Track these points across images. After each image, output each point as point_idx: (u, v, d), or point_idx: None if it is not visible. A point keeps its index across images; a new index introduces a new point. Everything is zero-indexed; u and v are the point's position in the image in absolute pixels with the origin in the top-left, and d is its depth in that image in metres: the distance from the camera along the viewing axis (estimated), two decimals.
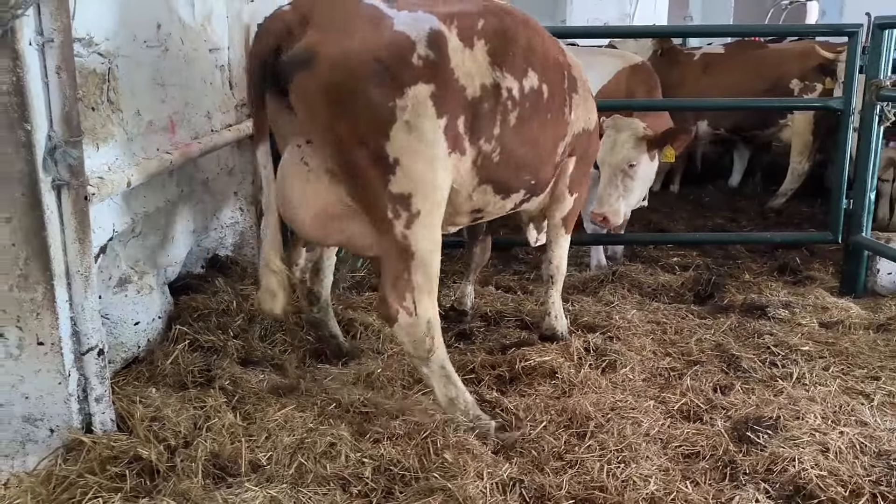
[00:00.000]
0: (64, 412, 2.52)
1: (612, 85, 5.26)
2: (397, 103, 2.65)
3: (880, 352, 3.70)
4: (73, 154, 2.41)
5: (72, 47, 2.44)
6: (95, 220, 2.69)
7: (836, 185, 4.71)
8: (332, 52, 2.61)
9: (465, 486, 2.44)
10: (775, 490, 2.51)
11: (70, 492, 2.36)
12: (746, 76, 7.14)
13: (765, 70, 7.06)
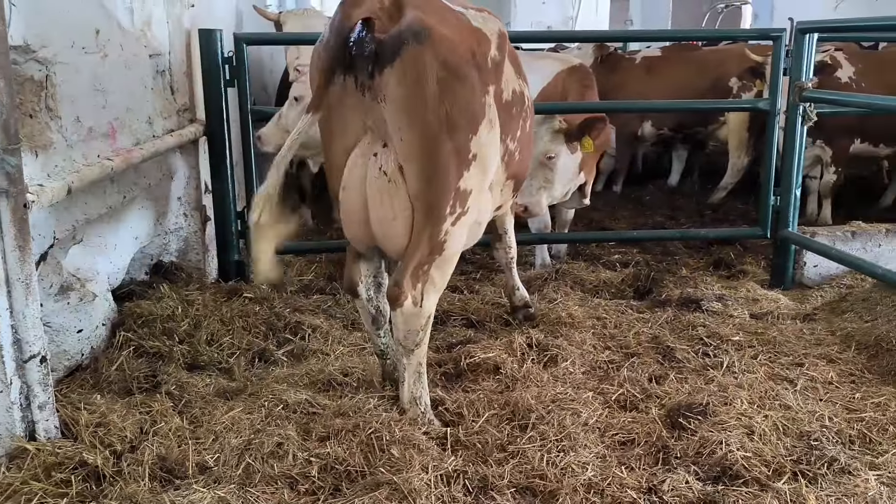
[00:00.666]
0: (6, 420, 2.51)
1: (551, 87, 5.41)
2: (486, 100, 2.76)
3: (806, 340, 3.89)
4: (12, 162, 2.41)
5: (8, 54, 2.44)
6: (35, 228, 2.69)
7: (765, 183, 4.92)
8: (445, 33, 2.62)
9: (410, 479, 2.52)
10: (704, 472, 2.65)
11: (14, 499, 2.36)
12: (689, 76, 7.42)
13: (706, 70, 7.35)
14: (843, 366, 3.54)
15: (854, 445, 2.83)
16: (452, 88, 2.64)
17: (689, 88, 7.11)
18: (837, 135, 6.38)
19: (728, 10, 18.74)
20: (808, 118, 4.60)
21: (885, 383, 3.36)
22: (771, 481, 2.58)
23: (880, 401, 3.14)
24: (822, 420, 2.96)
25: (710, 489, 2.54)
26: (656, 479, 2.61)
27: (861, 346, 3.72)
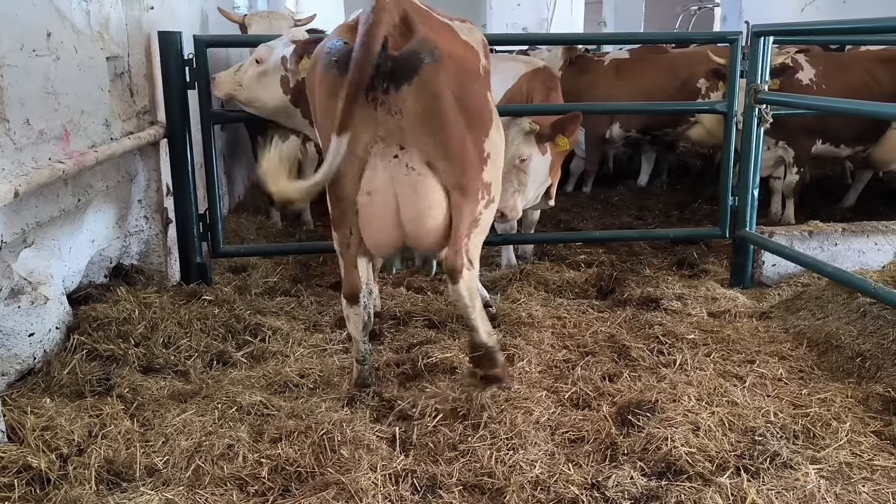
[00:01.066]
0: None
1: (515, 88, 5.45)
2: (489, 105, 3.07)
3: (760, 338, 3.96)
4: None
5: None
6: None
7: (723, 184, 5.00)
8: (454, 50, 2.88)
9: (357, 479, 2.54)
10: (649, 467, 2.70)
11: None
12: (658, 78, 7.51)
13: (675, 72, 7.44)
14: (794, 362, 3.61)
15: (798, 440, 2.88)
16: (465, 99, 2.88)
17: (658, 90, 7.21)
18: (799, 136, 6.47)
19: (701, 12, 18.98)
20: (765, 120, 4.67)
21: (832, 379, 3.43)
22: (714, 476, 2.63)
23: (826, 396, 3.20)
24: (768, 416, 3.02)
25: (654, 484, 2.59)
26: (602, 475, 2.64)
27: (812, 343, 3.79)
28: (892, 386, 3.25)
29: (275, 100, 4.20)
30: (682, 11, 18.97)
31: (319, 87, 2.91)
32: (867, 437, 2.91)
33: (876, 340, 3.61)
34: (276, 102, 4.20)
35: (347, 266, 3.20)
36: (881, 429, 2.97)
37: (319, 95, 2.93)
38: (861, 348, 3.59)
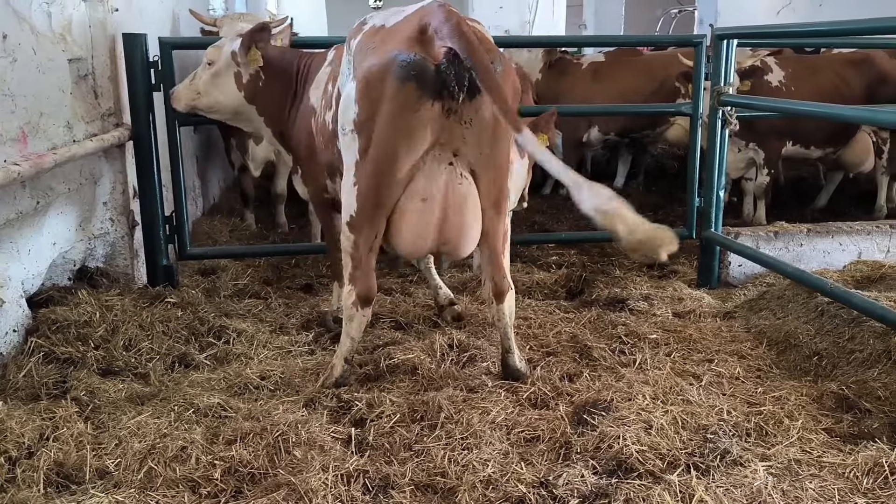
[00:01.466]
0: None
1: None
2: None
3: (722, 337, 4.00)
4: None
5: None
6: None
7: (689, 185, 5.04)
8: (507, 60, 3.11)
9: (307, 480, 2.54)
10: (601, 466, 2.72)
11: None
12: (637, 80, 7.57)
13: (653, 73, 7.50)
14: (752, 361, 3.65)
15: (750, 438, 2.91)
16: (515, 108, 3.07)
17: (636, 92, 7.26)
18: (769, 138, 6.55)
19: (681, 15, 19.12)
20: (729, 122, 4.72)
21: (789, 377, 3.47)
22: (664, 474, 2.65)
23: (780, 394, 3.24)
24: (721, 414, 3.05)
25: (604, 483, 2.60)
26: (553, 474, 2.66)
27: (771, 342, 3.83)
28: (846, 384, 3.29)
29: (232, 99, 4.13)
30: (662, 15, 19.11)
31: (392, 102, 2.95)
32: (818, 434, 2.94)
33: (832, 339, 3.65)
34: (233, 102, 4.15)
35: (365, 269, 3.25)
36: (832, 426, 3.01)
37: (390, 109, 2.96)
38: (818, 347, 3.63)
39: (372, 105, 3.02)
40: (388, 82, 2.94)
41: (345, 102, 3.17)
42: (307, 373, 3.60)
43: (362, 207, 3.14)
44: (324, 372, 3.48)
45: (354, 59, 3.19)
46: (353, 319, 3.34)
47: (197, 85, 4.17)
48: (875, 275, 4.42)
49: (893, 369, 3.27)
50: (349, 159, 3.18)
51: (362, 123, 3.06)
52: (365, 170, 3.09)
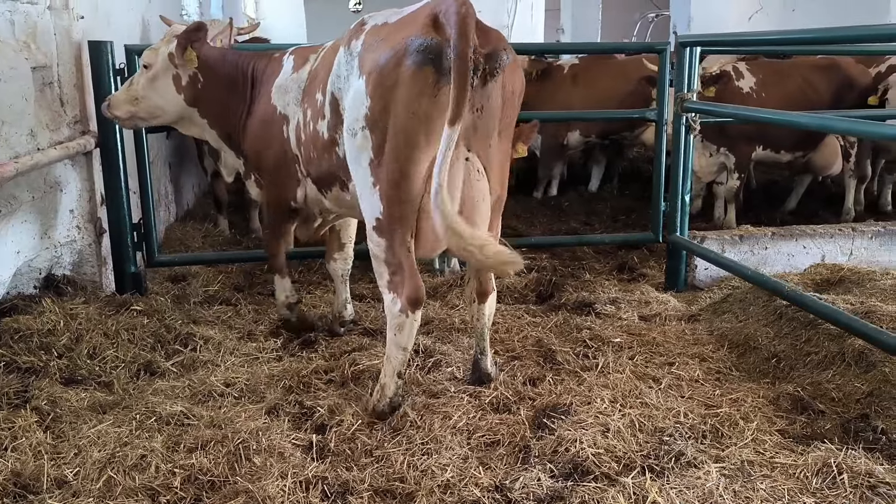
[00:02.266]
0: None
1: None
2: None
3: (685, 340, 4.05)
4: None
5: None
6: None
7: (655, 189, 5.10)
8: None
9: (265, 487, 2.56)
10: (557, 469, 2.75)
11: None
12: (613, 83, 7.64)
13: (629, 75, 7.58)
14: (713, 364, 3.71)
15: (705, 440, 2.96)
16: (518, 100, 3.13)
17: (612, 95, 7.34)
18: (739, 143, 6.64)
19: (658, 20, 19.31)
20: (693, 128, 4.79)
21: (747, 380, 3.53)
22: (619, 476, 2.69)
23: (737, 396, 3.30)
24: (678, 416, 3.10)
25: (560, 485, 2.64)
26: (510, 478, 2.70)
27: (732, 344, 3.89)
28: (802, 385, 3.36)
29: (172, 103, 4.00)
30: (639, 19, 19.28)
31: (409, 87, 2.86)
32: (772, 435, 3.00)
33: (790, 342, 3.72)
34: (174, 106, 4.02)
35: (408, 271, 3.09)
36: (786, 427, 3.07)
37: (408, 95, 2.87)
38: (776, 349, 3.70)
39: (386, 94, 2.92)
40: (404, 67, 2.86)
41: (353, 102, 3.06)
42: (273, 379, 3.61)
43: (389, 207, 3.02)
44: (375, 394, 3.24)
45: (360, 59, 3.08)
46: (403, 328, 3.10)
47: (135, 90, 4.01)
48: (834, 277, 4.50)
49: (847, 371, 3.34)
50: (362, 161, 3.06)
51: (376, 117, 2.97)
52: (385, 167, 2.98)
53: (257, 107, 3.91)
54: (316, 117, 3.49)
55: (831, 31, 3.43)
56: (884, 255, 5.15)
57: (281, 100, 3.78)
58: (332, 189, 3.62)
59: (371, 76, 2.97)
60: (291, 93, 3.73)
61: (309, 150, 3.60)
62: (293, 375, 3.62)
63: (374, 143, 3.01)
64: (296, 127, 3.69)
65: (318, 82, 3.51)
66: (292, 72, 3.79)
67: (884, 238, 5.16)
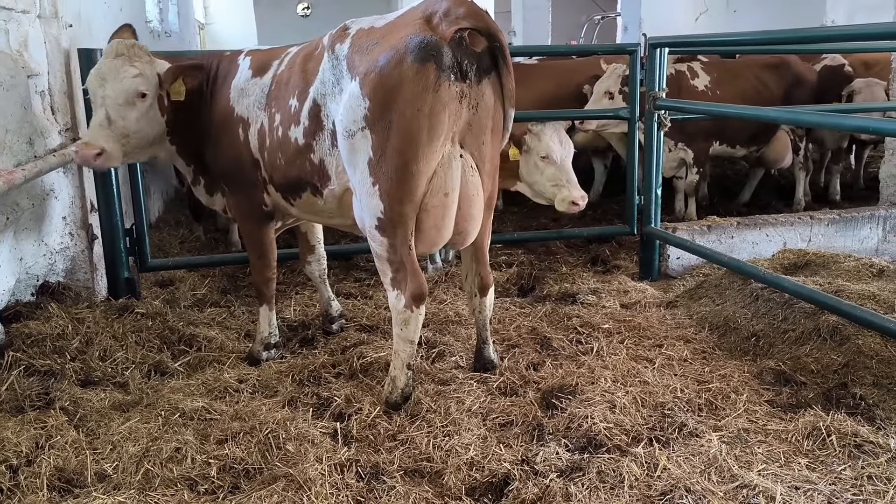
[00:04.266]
0: None
1: None
2: None
3: (667, 324, 4.31)
4: None
5: None
6: None
7: (629, 184, 5.37)
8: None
9: (305, 470, 2.69)
10: (572, 443, 2.96)
11: None
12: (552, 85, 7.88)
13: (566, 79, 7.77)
14: (697, 345, 3.97)
15: (702, 412, 3.21)
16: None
17: (551, 97, 7.58)
18: (697, 138, 6.97)
19: (604, 21, 19.82)
20: (663, 124, 5.07)
21: (731, 357, 3.80)
22: (630, 447, 2.91)
23: (725, 372, 3.56)
24: (675, 392, 3.34)
25: (577, 458, 2.85)
26: (531, 453, 2.89)
27: (713, 326, 4.16)
28: (783, 360, 3.63)
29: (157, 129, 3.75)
30: (586, 21, 19.77)
31: (413, 84, 2.92)
32: (762, 405, 3.26)
33: (768, 321, 4.00)
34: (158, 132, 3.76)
35: (410, 268, 3.17)
36: (773, 398, 3.34)
37: (412, 92, 2.92)
38: (755, 329, 3.97)
39: (388, 93, 2.95)
40: (406, 65, 2.91)
41: (348, 105, 3.08)
42: (282, 374, 3.72)
43: (391, 206, 3.07)
44: (387, 386, 3.35)
45: (348, 62, 3.13)
46: (408, 323, 3.21)
47: (126, 127, 3.59)
48: (801, 262, 4.82)
49: (823, 345, 3.63)
50: (359, 162, 3.10)
51: (376, 117, 2.99)
52: (386, 166, 3.02)
53: (215, 107, 3.75)
54: (287, 123, 3.43)
55: (800, 31, 3.73)
56: (839, 241, 5.52)
57: (240, 102, 3.66)
58: (302, 196, 3.57)
59: (369, 77, 3.00)
60: (252, 96, 3.63)
61: (275, 156, 3.55)
62: (301, 370, 3.74)
63: (374, 143, 3.03)
64: (258, 131, 3.61)
65: (290, 88, 3.45)
66: (252, 75, 3.67)
67: (839, 225, 5.53)
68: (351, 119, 3.08)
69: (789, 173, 8.09)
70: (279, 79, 3.57)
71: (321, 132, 3.33)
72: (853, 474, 2.71)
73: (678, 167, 7.25)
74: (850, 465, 2.76)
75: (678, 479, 2.65)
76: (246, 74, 3.70)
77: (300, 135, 3.41)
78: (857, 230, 5.54)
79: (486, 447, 2.95)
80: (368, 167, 3.09)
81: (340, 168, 3.30)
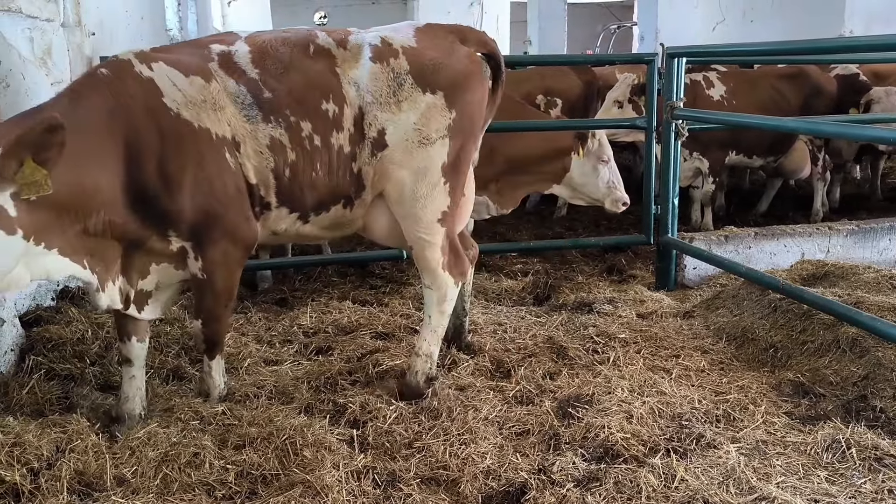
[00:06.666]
0: None
1: None
2: None
3: (684, 335, 4.29)
4: None
5: None
6: None
7: (646, 194, 5.36)
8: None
9: (322, 477, 2.70)
10: (589, 453, 2.95)
11: None
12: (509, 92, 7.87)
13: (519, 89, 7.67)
14: (714, 355, 3.95)
15: (720, 423, 3.19)
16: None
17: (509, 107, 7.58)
18: (713, 148, 6.95)
19: (620, 31, 19.82)
20: (681, 134, 5.06)
21: (749, 369, 3.78)
22: (647, 458, 2.90)
23: (743, 384, 3.54)
24: (693, 403, 3.32)
25: (594, 468, 2.84)
26: (547, 462, 2.88)
27: (730, 337, 4.14)
28: (801, 372, 3.61)
29: None
30: (602, 30, 19.78)
31: (482, 94, 3.51)
32: (780, 417, 3.24)
33: (786, 332, 3.98)
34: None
35: (457, 245, 3.66)
36: (792, 410, 3.32)
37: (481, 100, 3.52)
38: (773, 340, 3.95)
39: (470, 105, 3.43)
40: (480, 77, 3.48)
41: (427, 115, 3.33)
42: (299, 381, 3.74)
43: (454, 199, 3.51)
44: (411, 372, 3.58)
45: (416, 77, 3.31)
46: (453, 298, 3.67)
47: None
48: (819, 273, 4.79)
49: (843, 357, 3.61)
50: (434, 167, 3.40)
51: (458, 126, 3.40)
52: (455, 168, 3.46)
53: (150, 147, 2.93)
54: (327, 130, 3.22)
55: (818, 42, 3.72)
56: (858, 252, 5.48)
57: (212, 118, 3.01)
58: (330, 210, 3.38)
59: (452, 90, 3.38)
60: (228, 107, 3.03)
61: (305, 169, 3.21)
62: (318, 377, 3.75)
63: (451, 148, 3.42)
64: (265, 147, 3.11)
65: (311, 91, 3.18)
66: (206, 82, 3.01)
67: (857, 236, 5.50)
68: (433, 129, 3.37)
69: (807, 184, 8.04)
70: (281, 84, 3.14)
71: (363, 141, 3.32)
72: (873, 488, 2.68)
73: (694, 177, 7.23)
74: (871, 478, 2.74)
75: (696, 490, 2.64)
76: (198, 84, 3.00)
77: (345, 142, 3.28)
78: (876, 241, 5.50)
79: (502, 456, 2.95)
80: (442, 170, 3.42)
81: (375, 177, 3.39)
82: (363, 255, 5.64)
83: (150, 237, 3.03)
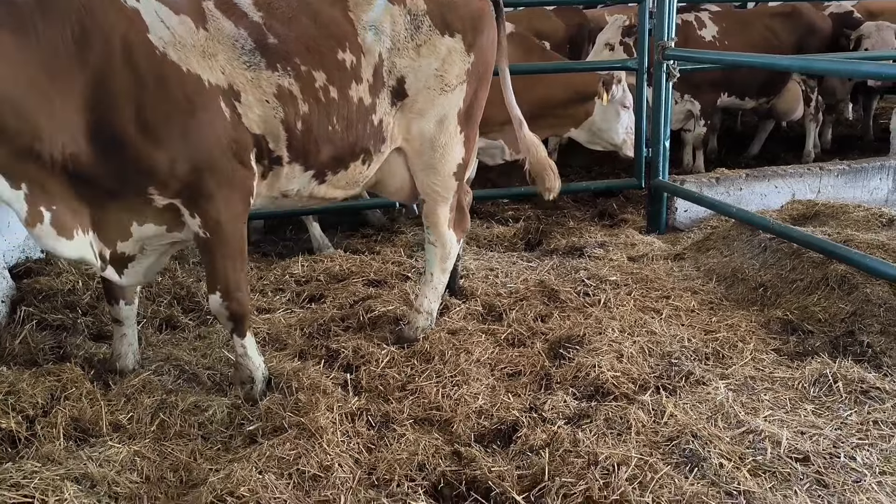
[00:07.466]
0: None
1: None
2: None
3: (674, 276, 4.31)
4: None
5: None
6: None
7: (637, 137, 5.32)
8: None
9: (316, 419, 2.73)
10: (580, 392, 2.99)
11: None
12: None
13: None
14: (704, 296, 3.97)
15: (709, 361, 3.23)
16: None
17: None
18: (705, 89, 6.88)
19: None
20: (672, 75, 5.00)
21: (738, 308, 3.81)
22: (637, 395, 2.94)
23: (732, 322, 3.57)
24: (682, 341, 3.36)
25: (585, 405, 2.88)
26: (539, 401, 2.92)
27: (720, 277, 4.16)
28: (790, 310, 3.65)
29: None
30: None
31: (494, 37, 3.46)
32: (768, 354, 3.29)
33: (776, 271, 4.00)
34: None
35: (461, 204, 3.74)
36: (780, 346, 3.37)
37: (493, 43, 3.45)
38: (763, 279, 3.97)
39: (484, 47, 3.34)
40: (492, 21, 3.39)
41: (447, 60, 3.24)
42: (292, 328, 3.75)
43: (468, 150, 3.47)
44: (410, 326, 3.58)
45: (434, 18, 3.20)
46: (455, 256, 3.74)
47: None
48: (810, 212, 4.80)
49: (831, 294, 3.63)
50: (450, 114, 3.33)
51: (474, 70, 3.33)
52: (469, 116, 3.39)
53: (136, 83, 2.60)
54: (344, 81, 3.00)
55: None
56: (848, 192, 5.49)
57: (203, 64, 2.70)
58: (349, 166, 3.17)
59: (469, 32, 3.28)
60: (221, 53, 2.74)
61: (320, 124, 2.98)
62: (311, 324, 3.77)
63: (467, 94, 3.34)
64: (272, 97, 2.85)
65: (324, 38, 2.96)
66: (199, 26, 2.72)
67: (848, 176, 5.49)
68: (453, 74, 3.28)
69: (799, 125, 8.00)
70: (291, 29, 2.91)
71: (382, 89, 3.13)
72: (859, 419, 2.74)
73: (685, 119, 7.17)
74: (856, 410, 2.79)
75: (685, 424, 2.68)
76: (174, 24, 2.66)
77: (365, 93, 3.07)
78: (867, 181, 5.50)
79: (494, 396, 2.98)
80: (458, 117, 3.36)
81: (394, 127, 3.24)
82: (354, 204, 5.59)
83: (127, 193, 2.67)
